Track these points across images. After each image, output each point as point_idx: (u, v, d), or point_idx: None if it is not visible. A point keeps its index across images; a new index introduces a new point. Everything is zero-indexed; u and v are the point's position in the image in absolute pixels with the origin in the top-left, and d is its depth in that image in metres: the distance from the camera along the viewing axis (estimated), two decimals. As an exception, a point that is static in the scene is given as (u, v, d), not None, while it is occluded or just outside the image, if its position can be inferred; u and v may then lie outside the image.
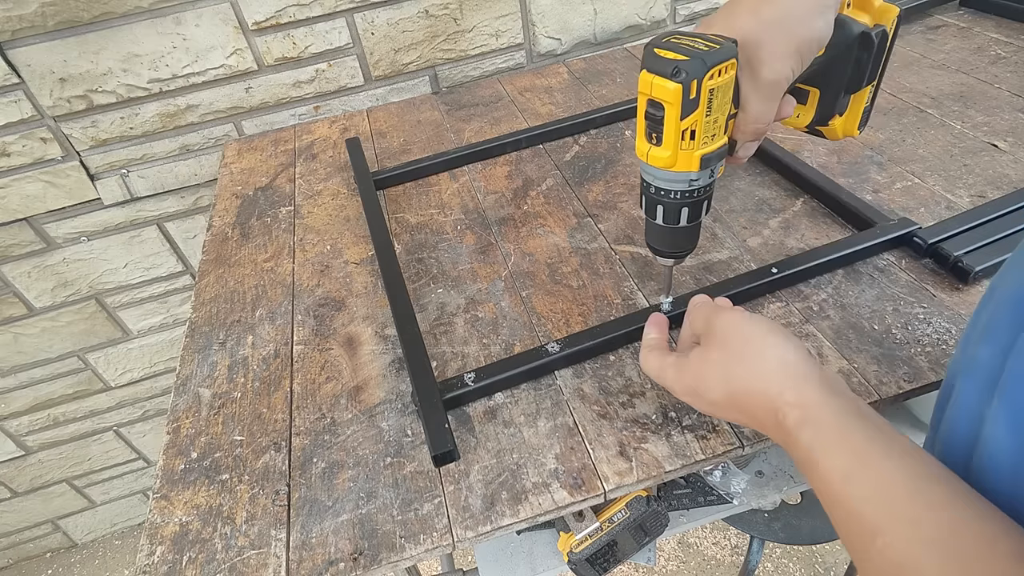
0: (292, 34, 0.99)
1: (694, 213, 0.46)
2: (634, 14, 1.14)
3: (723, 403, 0.41)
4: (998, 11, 0.98)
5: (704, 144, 0.42)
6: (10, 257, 1.07)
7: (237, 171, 0.95)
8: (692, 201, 0.45)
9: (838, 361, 0.53)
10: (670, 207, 0.46)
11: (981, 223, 0.61)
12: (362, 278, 0.71)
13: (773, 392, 0.38)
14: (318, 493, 0.50)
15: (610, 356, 0.57)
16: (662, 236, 0.49)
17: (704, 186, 0.45)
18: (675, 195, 0.45)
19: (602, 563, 0.58)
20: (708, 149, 0.42)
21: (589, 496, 0.47)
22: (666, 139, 0.41)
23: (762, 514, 0.86)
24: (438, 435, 0.50)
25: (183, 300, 1.23)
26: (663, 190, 0.45)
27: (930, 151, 0.75)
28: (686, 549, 1.46)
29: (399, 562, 0.46)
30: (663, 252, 0.50)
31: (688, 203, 0.45)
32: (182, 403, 0.60)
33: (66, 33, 0.90)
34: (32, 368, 1.22)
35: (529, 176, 0.83)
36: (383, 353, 0.61)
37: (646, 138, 0.43)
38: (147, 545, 0.49)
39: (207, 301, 0.71)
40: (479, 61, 1.11)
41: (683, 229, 0.48)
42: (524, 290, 0.66)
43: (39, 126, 0.96)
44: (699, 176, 0.44)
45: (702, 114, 0.40)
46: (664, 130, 0.41)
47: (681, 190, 0.45)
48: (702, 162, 0.42)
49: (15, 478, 1.39)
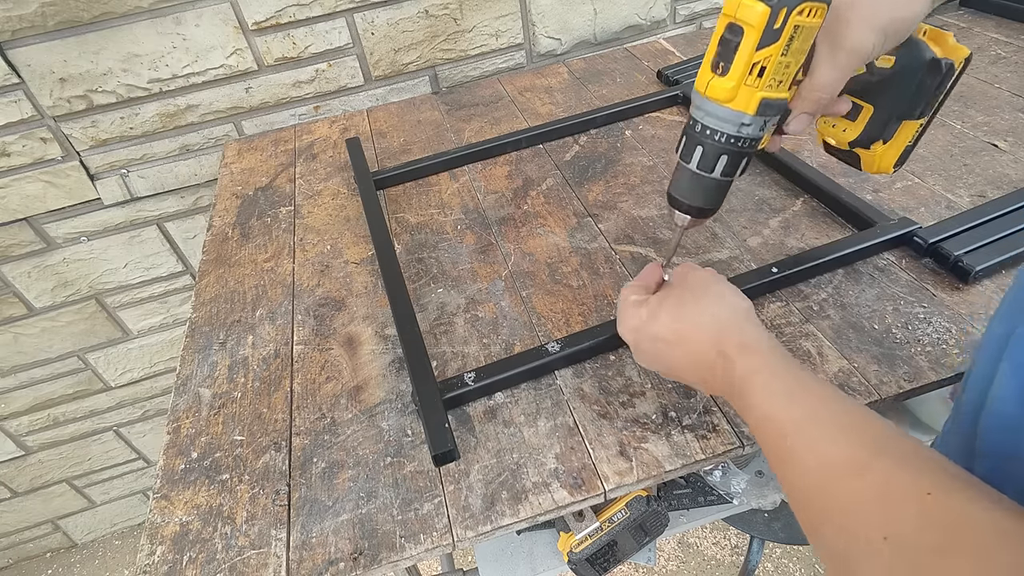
0: (292, 34, 0.99)
1: (731, 166, 0.44)
2: (634, 14, 1.14)
3: (666, 336, 0.44)
4: (998, 11, 0.98)
5: (768, 87, 0.40)
6: (10, 257, 1.07)
7: (237, 171, 0.95)
8: (734, 150, 0.43)
9: (838, 361, 0.53)
10: (710, 150, 0.44)
11: (981, 223, 0.61)
12: (362, 278, 0.71)
13: (722, 322, 0.42)
14: (318, 493, 0.50)
15: (610, 356, 0.57)
16: (690, 184, 0.47)
17: (751, 138, 0.43)
18: (720, 137, 0.43)
19: (602, 563, 0.58)
20: (770, 94, 0.41)
21: (589, 496, 0.47)
22: (734, 68, 0.40)
23: (762, 514, 0.86)
24: (438, 435, 0.50)
25: (183, 300, 1.23)
26: (710, 129, 0.43)
27: (930, 151, 0.75)
28: (686, 549, 1.46)
29: (399, 562, 0.46)
30: (683, 205, 0.48)
31: (729, 151, 0.44)
32: (182, 403, 0.60)
33: (66, 33, 0.90)
34: (32, 368, 1.22)
35: (529, 176, 0.83)
36: (383, 353, 0.61)
37: (712, 67, 0.41)
38: (147, 545, 0.49)
39: (207, 301, 0.71)
40: (479, 61, 1.11)
41: (713, 182, 0.46)
42: (524, 290, 0.66)
43: (39, 126, 0.96)
44: (752, 122, 0.42)
45: (778, 51, 0.39)
46: (735, 58, 0.40)
47: (728, 133, 0.43)
48: (760, 106, 0.41)
49: (15, 478, 1.39)
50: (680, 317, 0.44)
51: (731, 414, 0.51)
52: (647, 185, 0.77)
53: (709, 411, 0.51)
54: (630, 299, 0.48)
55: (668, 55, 1.06)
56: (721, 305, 0.44)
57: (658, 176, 0.78)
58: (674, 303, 0.45)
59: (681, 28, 1.19)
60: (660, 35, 1.17)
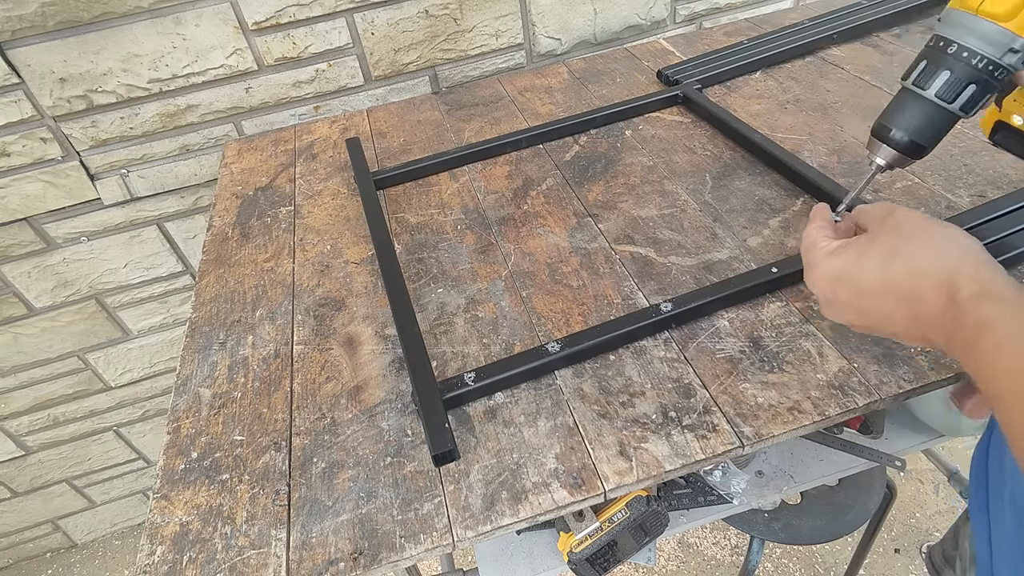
0: (292, 34, 0.99)
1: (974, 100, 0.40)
2: (634, 14, 1.14)
3: (873, 288, 0.39)
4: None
5: None
6: (10, 257, 1.07)
7: (237, 171, 0.95)
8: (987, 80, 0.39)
9: (838, 361, 0.53)
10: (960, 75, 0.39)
11: (981, 223, 0.61)
12: (362, 278, 0.71)
13: (951, 266, 0.36)
14: (318, 493, 0.50)
15: (610, 356, 0.57)
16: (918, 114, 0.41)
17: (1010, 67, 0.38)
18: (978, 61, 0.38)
19: (602, 563, 0.58)
20: None
21: (589, 496, 0.47)
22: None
23: (762, 514, 0.86)
24: (438, 435, 0.50)
25: (183, 300, 1.23)
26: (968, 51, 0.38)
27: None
28: (686, 549, 1.46)
29: (399, 562, 0.46)
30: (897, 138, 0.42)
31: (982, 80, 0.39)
32: (182, 403, 0.60)
33: (66, 33, 0.90)
34: (32, 368, 1.22)
35: (529, 176, 0.83)
36: (383, 353, 0.61)
37: None
38: (147, 545, 0.49)
39: (207, 301, 0.71)
40: (479, 61, 1.11)
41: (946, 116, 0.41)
42: (524, 290, 0.66)
43: (39, 126, 0.96)
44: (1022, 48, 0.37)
45: None
46: None
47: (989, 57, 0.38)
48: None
49: (15, 478, 1.39)
50: (893, 264, 0.38)
51: (731, 414, 0.51)
52: (647, 185, 0.77)
53: (709, 411, 0.51)
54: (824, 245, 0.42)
55: (668, 55, 1.06)
56: (945, 246, 0.37)
57: (658, 176, 0.78)
58: (884, 247, 0.39)
59: (681, 28, 1.19)
60: (660, 35, 1.17)
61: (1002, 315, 0.32)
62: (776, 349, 0.55)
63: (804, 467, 0.70)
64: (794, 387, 0.52)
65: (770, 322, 0.57)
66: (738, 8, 1.21)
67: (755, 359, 0.54)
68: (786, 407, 0.50)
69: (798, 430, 0.49)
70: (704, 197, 0.74)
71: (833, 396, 0.51)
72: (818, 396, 0.51)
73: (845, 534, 0.85)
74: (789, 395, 0.51)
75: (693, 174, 0.78)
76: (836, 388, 0.51)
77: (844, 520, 0.86)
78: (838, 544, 1.39)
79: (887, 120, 0.43)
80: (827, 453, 0.71)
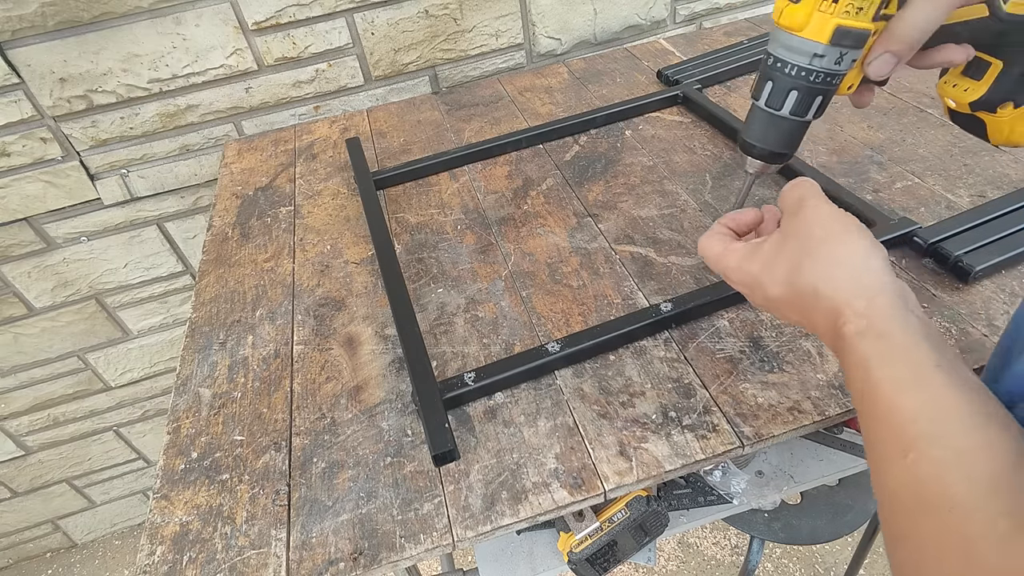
0: (292, 34, 0.99)
1: (801, 104, 0.41)
2: (634, 14, 1.14)
3: (781, 299, 0.39)
4: (998, 11, 0.98)
5: (846, 14, 0.37)
6: (10, 257, 1.07)
7: (237, 171, 0.95)
8: (805, 86, 0.40)
9: (838, 361, 0.53)
10: (780, 85, 0.41)
11: (981, 223, 0.61)
12: (362, 278, 0.71)
13: (841, 299, 0.35)
14: (318, 493, 0.50)
15: (610, 356, 0.57)
16: (760, 125, 0.44)
17: (824, 72, 0.40)
18: (790, 70, 0.40)
19: (602, 563, 0.58)
20: (847, 22, 0.37)
21: (589, 496, 0.47)
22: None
23: (762, 514, 0.86)
24: (438, 435, 0.50)
25: (183, 300, 1.23)
26: (780, 61, 0.41)
27: (930, 151, 0.75)
28: (686, 549, 1.46)
29: (399, 562, 0.46)
30: (752, 148, 0.45)
31: (800, 86, 0.41)
32: (182, 403, 0.60)
33: (66, 33, 0.90)
34: (32, 368, 1.22)
35: (529, 176, 0.83)
36: (383, 353, 0.61)
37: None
38: (147, 545, 0.49)
39: (207, 301, 0.71)
40: (479, 61, 1.11)
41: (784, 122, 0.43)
42: (524, 290, 0.66)
43: (39, 126, 0.96)
44: (825, 53, 0.39)
45: None
46: None
47: (799, 66, 0.40)
48: (835, 34, 0.38)
49: (15, 478, 1.39)
50: (798, 278, 0.38)
51: (731, 414, 0.51)
52: (647, 185, 0.77)
53: (709, 411, 0.51)
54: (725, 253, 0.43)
55: (668, 55, 1.06)
56: (845, 268, 0.36)
57: (658, 176, 0.78)
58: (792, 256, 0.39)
59: (681, 28, 1.19)
60: (660, 35, 1.17)
61: (882, 357, 0.32)
62: (776, 349, 0.55)
63: (804, 467, 0.70)
64: (794, 387, 0.52)
65: (770, 322, 0.57)
66: (738, 8, 1.21)
67: (755, 359, 0.54)
68: (786, 407, 0.50)
69: (798, 430, 0.49)
70: (704, 197, 0.74)
71: (833, 396, 0.51)
72: (818, 396, 0.51)
73: (845, 534, 0.86)
74: (789, 395, 0.51)
75: (693, 174, 0.78)
76: (836, 388, 0.51)
77: (844, 520, 0.86)
78: (838, 544, 1.40)
79: (743, 132, 0.46)
80: (827, 453, 0.71)
